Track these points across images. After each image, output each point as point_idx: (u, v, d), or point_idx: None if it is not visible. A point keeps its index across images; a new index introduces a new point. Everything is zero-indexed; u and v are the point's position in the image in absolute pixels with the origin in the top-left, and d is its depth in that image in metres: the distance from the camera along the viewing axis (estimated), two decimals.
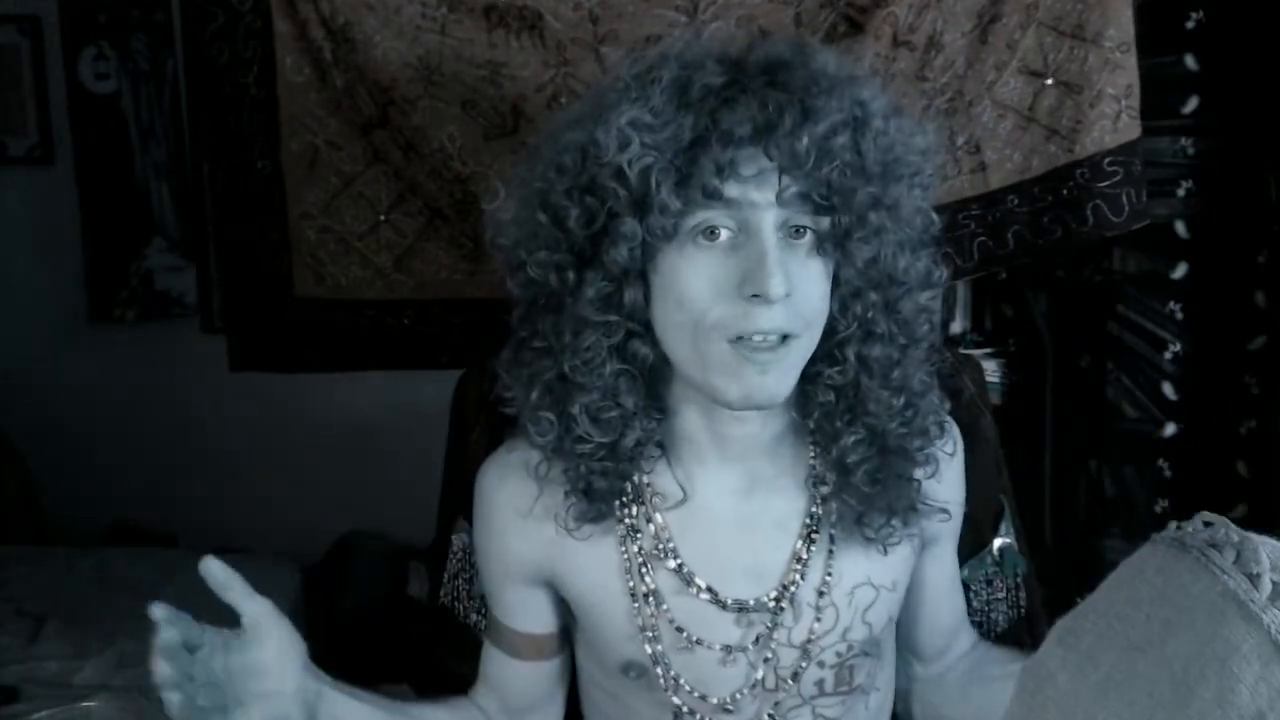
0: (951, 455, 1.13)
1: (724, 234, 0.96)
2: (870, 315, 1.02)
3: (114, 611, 2.28)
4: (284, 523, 2.84)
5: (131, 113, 3.03)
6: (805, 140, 0.93)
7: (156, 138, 3.04)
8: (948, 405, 1.14)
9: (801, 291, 0.96)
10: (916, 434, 1.06)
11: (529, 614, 1.14)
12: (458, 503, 1.28)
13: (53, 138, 3.06)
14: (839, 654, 1.08)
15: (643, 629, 1.06)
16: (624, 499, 1.06)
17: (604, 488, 1.04)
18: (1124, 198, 1.61)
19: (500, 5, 1.56)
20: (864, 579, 1.08)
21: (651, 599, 1.06)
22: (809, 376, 1.03)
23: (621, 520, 1.07)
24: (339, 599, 2.81)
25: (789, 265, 0.95)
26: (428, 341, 1.67)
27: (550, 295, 1.01)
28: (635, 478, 1.06)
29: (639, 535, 1.06)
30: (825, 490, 1.07)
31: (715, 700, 1.08)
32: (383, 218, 1.64)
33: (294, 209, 1.64)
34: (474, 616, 1.26)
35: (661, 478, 1.08)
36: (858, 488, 1.04)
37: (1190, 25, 2.04)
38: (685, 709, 1.08)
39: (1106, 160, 1.61)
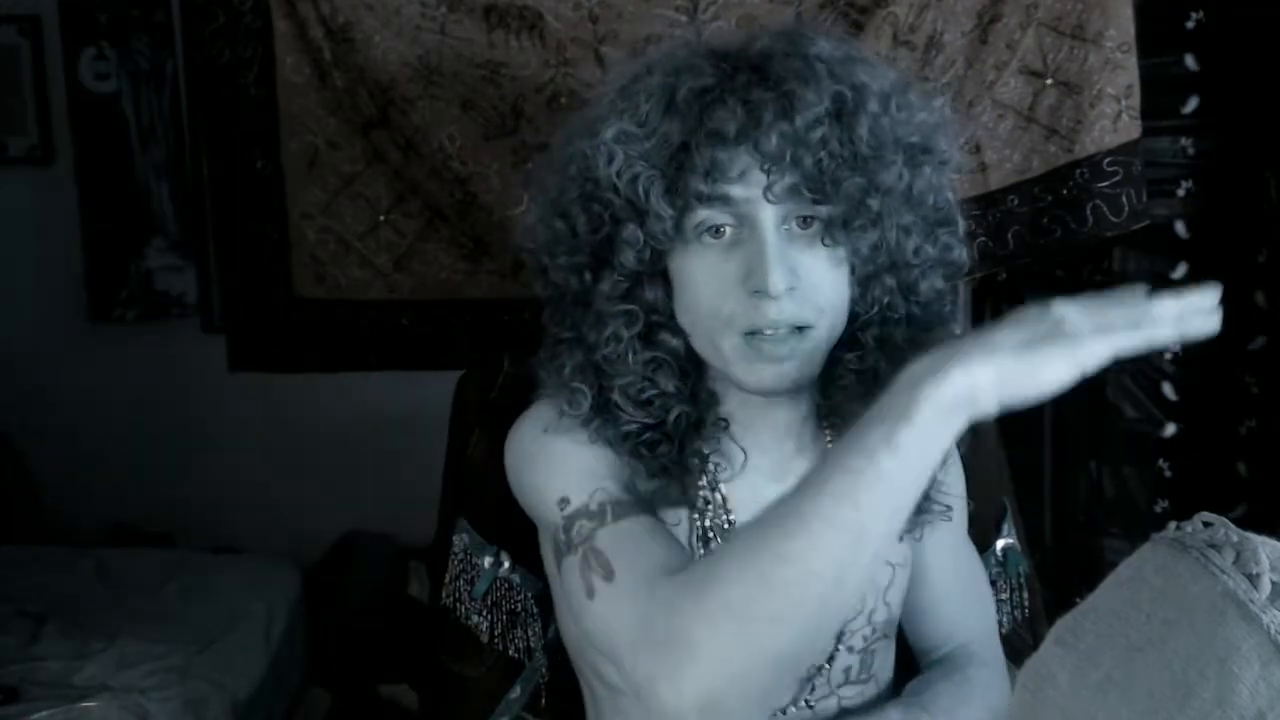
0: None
1: (728, 231, 0.97)
2: (888, 300, 1.02)
3: (114, 611, 2.29)
4: (284, 523, 2.84)
5: (131, 113, 3.03)
6: (785, 136, 0.93)
7: (156, 138, 3.04)
8: None
9: (810, 281, 0.96)
10: None
11: None
12: (458, 503, 1.28)
13: (53, 138, 3.05)
14: (865, 638, 1.09)
15: None
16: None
17: (674, 464, 1.02)
18: (1124, 198, 1.61)
19: (500, 5, 1.56)
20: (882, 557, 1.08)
21: None
22: (832, 360, 1.03)
23: (697, 491, 1.06)
24: (339, 599, 2.81)
25: (796, 257, 0.96)
26: (427, 342, 1.67)
27: (574, 294, 1.03)
28: (703, 450, 1.05)
29: (709, 507, 1.07)
30: None
31: None
32: (382, 218, 1.64)
33: (294, 209, 1.65)
34: (475, 618, 1.25)
35: (721, 452, 1.07)
36: None
37: (1190, 25, 2.04)
38: None
39: (1106, 160, 1.61)
